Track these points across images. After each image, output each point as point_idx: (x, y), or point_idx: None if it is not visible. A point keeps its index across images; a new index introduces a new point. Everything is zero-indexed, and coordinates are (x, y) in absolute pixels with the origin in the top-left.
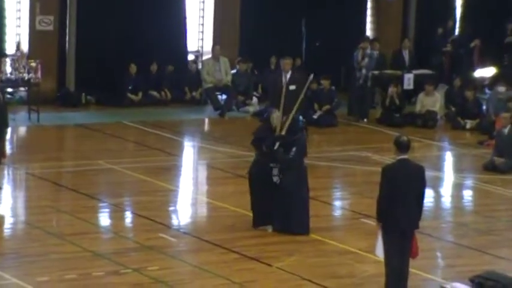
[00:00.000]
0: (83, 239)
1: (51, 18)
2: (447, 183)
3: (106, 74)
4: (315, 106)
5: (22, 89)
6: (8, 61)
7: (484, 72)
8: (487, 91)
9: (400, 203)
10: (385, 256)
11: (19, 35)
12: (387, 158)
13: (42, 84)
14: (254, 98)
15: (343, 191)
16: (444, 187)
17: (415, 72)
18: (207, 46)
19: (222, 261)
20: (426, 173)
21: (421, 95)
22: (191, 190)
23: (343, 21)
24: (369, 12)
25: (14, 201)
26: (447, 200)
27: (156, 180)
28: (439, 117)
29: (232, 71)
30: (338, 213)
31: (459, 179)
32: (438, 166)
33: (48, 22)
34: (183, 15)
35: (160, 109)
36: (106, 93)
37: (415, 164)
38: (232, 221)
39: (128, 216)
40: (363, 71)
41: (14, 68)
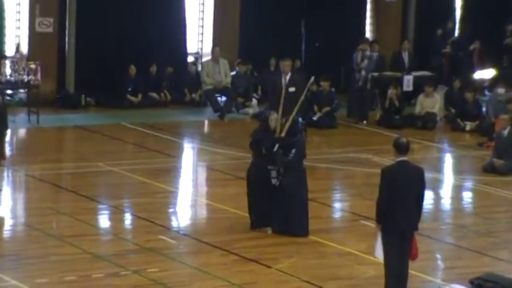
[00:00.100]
0: (83, 241)
1: (50, 20)
2: (447, 185)
3: (106, 76)
4: (315, 108)
5: (22, 91)
6: (8, 63)
7: (484, 73)
8: (487, 93)
9: (400, 205)
10: (385, 258)
11: (19, 37)
12: (387, 160)
13: (41, 86)
14: (254, 100)
15: (342, 193)
16: (444, 189)
17: (415, 73)
18: (207, 48)
19: (222, 263)
20: (426, 175)
21: (421, 97)
22: (191, 192)
23: (342, 22)
24: (369, 13)
25: (14, 203)
26: (447, 202)
27: (156, 182)
28: (439, 118)
29: (231, 73)
30: (338, 215)
31: (459, 181)
32: (438, 168)
33: (47, 24)
34: (183, 16)
35: (159, 111)
36: (106, 94)
37: (415, 166)
38: (231, 223)
39: (128, 218)
40: (363, 73)
41: (14, 70)
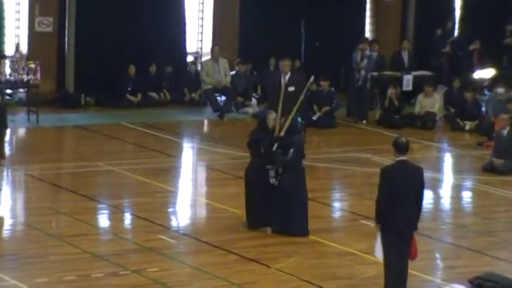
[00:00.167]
0: (82, 241)
1: (50, 19)
2: (446, 184)
3: (105, 75)
4: (314, 107)
5: (21, 91)
6: (7, 62)
7: (483, 73)
8: (486, 92)
9: (399, 205)
10: (384, 257)
11: (18, 37)
12: (386, 160)
13: (41, 85)
14: (253, 100)
15: (342, 193)
16: (443, 188)
17: (414, 73)
18: (206, 47)
19: (221, 262)
20: (425, 175)
21: (420, 96)
22: (190, 191)
23: (342, 22)
24: (368, 13)
25: (13, 202)
26: (446, 202)
27: (155, 181)
28: (438, 118)
29: (231, 72)
30: (337, 214)
31: (458, 180)
32: (437, 167)
33: (47, 23)
34: (182, 16)
35: (159, 110)
36: (105, 94)
37: (414, 165)
38: (231, 223)
39: (127, 217)
40: (362, 72)
41: (13, 70)
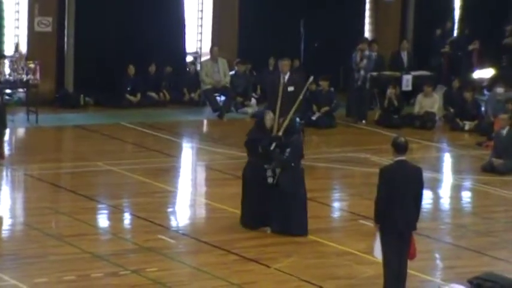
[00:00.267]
0: (82, 241)
1: (49, 19)
2: (446, 184)
3: (105, 75)
4: (314, 107)
5: (21, 90)
6: (7, 62)
7: (483, 73)
8: (486, 92)
9: (398, 205)
10: (384, 257)
11: (18, 36)
12: (386, 160)
13: (40, 85)
14: (253, 100)
15: (341, 192)
16: (443, 188)
17: (414, 73)
18: (206, 47)
19: (221, 262)
20: (425, 174)
21: (420, 96)
22: (190, 191)
23: (341, 22)
24: (368, 13)
25: (13, 202)
26: (446, 202)
27: (155, 181)
28: (438, 118)
29: (230, 72)
30: (337, 214)
31: (458, 180)
32: (437, 167)
33: (46, 23)
34: (182, 16)
35: (158, 110)
36: (105, 94)
37: (413, 165)
38: (231, 223)
39: (127, 217)
40: (361, 73)
41: (13, 69)
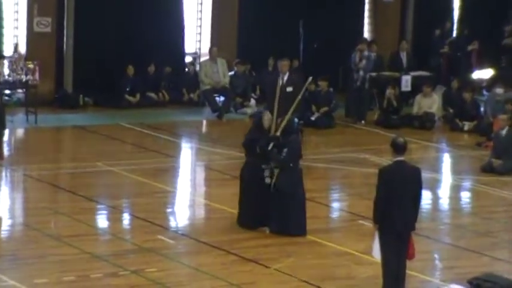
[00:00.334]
0: (81, 241)
1: (48, 19)
2: (445, 184)
3: (104, 76)
4: (313, 108)
5: (20, 91)
6: (6, 63)
7: (482, 73)
8: (485, 93)
9: (397, 205)
10: (382, 258)
11: (17, 37)
12: (385, 160)
13: (40, 86)
14: (252, 100)
15: (340, 193)
16: (442, 189)
17: (413, 73)
18: (205, 48)
19: (220, 263)
20: (424, 175)
21: (419, 97)
22: (189, 192)
23: (340, 22)
24: (367, 14)
25: (12, 203)
26: (445, 202)
27: (154, 182)
28: (437, 118)
29: (230, 73)
30: (336, 214)
31: (457, 181)
32: (436, 168)
33: (46, 24)
34: (181, 16)
35: (158, 111)
36: (104, 94)
37: (412, 166)
38: (230, 223)
39: (126, 218)
40: (361, 73)
41: (12, 70)
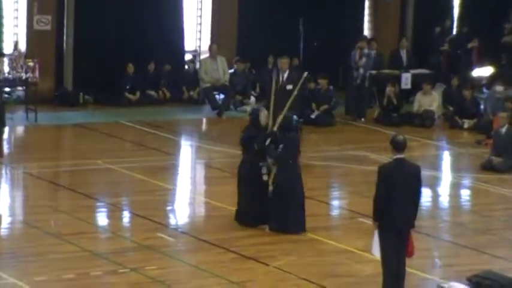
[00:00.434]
0: (81, 239)
1: (48, 17)
2: (445, 182)
3: (104, 74)
4: (313, 106)
5: (20, 89)
6: (6, 60)
7: (482, 71)
8: (485, 90)
9: (397, 203)
10: (382, 255)
11: (17, 35)
12: (385, 158)
13: (40, 83)
14: (252, 98)
15: (340, 191)
16: (442, 186)
17: (413, 71)
18: (205, 45)
19: (220, 260)
20: (424, 173)
21: (419, 95)
22: (189, 190)
23: (341, 20)
24: (367, 11)
25: (12, 200)
26: (445, 200)
27: (154, 179)
28: (437, 116)
29: (230, 71)
30: (335, 212)
31: (457, 179)
32: (436, 165)
33: (46, 22)
34: (181, 14)
35: (158, 108)
36: (104, 92)
37: (411, 164)
38: (229, 221)
39: (126, 215)
40: (361, 71)
41: (12, 68)
